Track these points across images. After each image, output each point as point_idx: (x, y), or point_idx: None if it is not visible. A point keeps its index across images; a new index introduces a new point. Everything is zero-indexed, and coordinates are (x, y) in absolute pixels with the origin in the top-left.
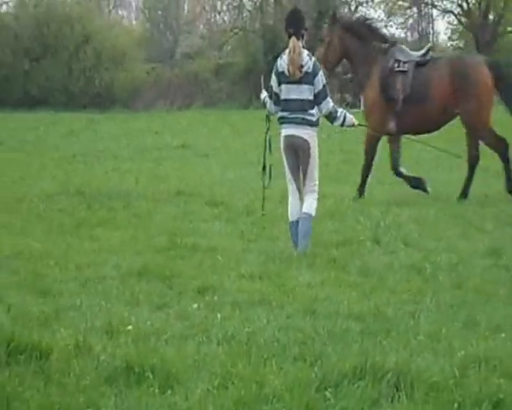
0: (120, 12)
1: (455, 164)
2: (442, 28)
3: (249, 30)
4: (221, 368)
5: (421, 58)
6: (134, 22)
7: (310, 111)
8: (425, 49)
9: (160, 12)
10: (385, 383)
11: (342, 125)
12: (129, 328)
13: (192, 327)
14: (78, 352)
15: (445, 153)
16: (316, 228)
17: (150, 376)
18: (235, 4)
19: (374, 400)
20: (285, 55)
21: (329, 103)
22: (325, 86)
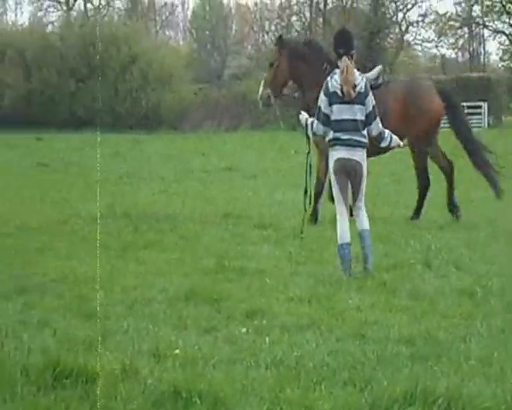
0: (167, 32)
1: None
2: (493, 48)
3: None
4: (269, 393)
5: (373, 81)
6: (181, 42)
7: (363, 132)
8: (376, 72)
9: (208, 32)
10: (436, 408)
11: (389, 145)
12: (176, 352)
13: (240, 351)
14: (124, 376)
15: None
16: None
17: (198, 401)
18: (283, 24)
19: None
20: (336, 74)
21: (379, 124)
22: (375, 107)
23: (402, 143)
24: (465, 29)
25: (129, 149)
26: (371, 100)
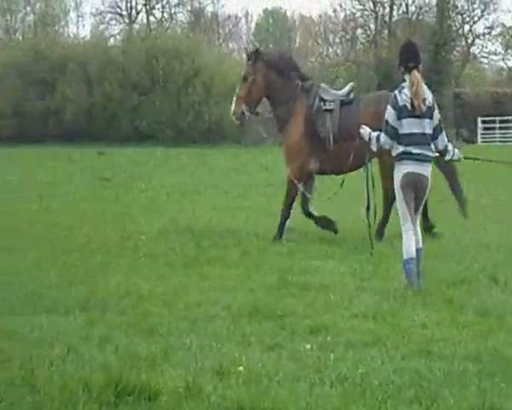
0: (231, 45)
1: None
2: None
3: (362, 63)
4: None
5: (345, 97)
6: (244, 56)
7: (431, 146)
8: (348, 87)
9: (272, 45)
10: None
11: (451, 158)
12: (240, 369)
13: (304, 368)
14: (188, 393)
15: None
16: (432, 267)
17: None
18: (347, 37)
19: None
20: (405, 88)
21: (445, 137)
22: (440, 120)
23: (462, 156)
24: None
25: (192, 163)
26: (437, 113)
